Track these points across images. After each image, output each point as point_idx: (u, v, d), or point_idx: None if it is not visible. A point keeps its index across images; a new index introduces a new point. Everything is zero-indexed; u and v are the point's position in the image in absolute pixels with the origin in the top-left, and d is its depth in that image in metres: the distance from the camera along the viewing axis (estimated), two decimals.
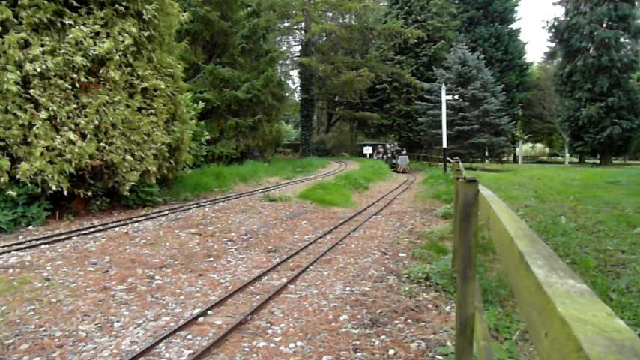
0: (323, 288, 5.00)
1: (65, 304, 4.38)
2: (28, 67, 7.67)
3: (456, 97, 26.50)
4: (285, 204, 11.30)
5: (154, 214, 9.32)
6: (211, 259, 6.23)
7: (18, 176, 7.75)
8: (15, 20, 7.81)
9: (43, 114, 7.80)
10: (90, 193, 8.81)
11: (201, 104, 14.88)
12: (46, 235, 7.26)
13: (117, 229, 7.87)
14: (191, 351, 3.43)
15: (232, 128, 20.71)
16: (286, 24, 39.48)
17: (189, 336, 3.71)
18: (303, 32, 36.83)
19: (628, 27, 31.39)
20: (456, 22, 38.18)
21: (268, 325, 3.96)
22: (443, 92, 22.16)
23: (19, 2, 7.76)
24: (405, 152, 30.89)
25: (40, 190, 8.01)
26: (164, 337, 3.61)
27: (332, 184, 15.12)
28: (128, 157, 8.87)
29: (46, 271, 5.39)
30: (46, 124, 7.90)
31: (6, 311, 4.16)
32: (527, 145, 60.12)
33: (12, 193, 7.71)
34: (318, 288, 5.00)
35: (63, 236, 7.14)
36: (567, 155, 41.06)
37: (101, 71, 8.45)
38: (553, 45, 37.28)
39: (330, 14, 39.70)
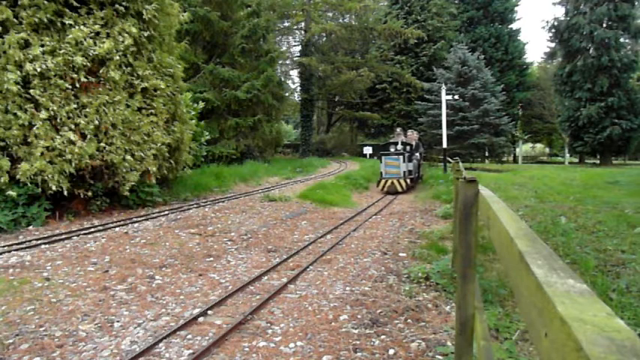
0: (323, 288, 5.00)
1: (65, 304, 4.38)
2: (28, 67, 7.67)
3: (456, 97, 26.45)
4: (285, 204, 11.30)
5: (154, 214, 9.32)
6: (211, 259, 6.23)
7: (18, 176, 7.75)
8: (15, 20, 7.81)
9: (43, 114, 7.80)
10: (90, 193, 8.81)
11: (201, 104, 14.88)
12: (46, 235, 7.26)
13: (117, 229, 7.86)
14: (191, 351, 3.43)
15: (232, 128, 20.72)
16: (286, 24, 39.47)
17: (189, 336, 3.71)
18: (303, 32, 36.79)
19: (628, 27, 31.38)
20: (456, 22, 38.16)
21: (268, 325, 3.96)
22: (443, 92, 22.15)
23: (19, 2, 7.76)
24: (400, 145, 15.75)
25: (40, 190, 8.01)
26: (164, 337, 3.61)
27: (332, 184, 15.11)
28: (128, 157, 8.87)
29: (46, 271, 5.39)
30: (46, 124, 7.90)
31: (6, 311, 4.16)
32: (527, 145, 60.09)
33: (12, 193, 7.71)
34: (318, 288, 5.00)
35: (63, 236, 7.14)
36: (567, 155, 41.03)
37: (101, 71, 8.45)
38: (553, 45, 37.27)
39: (330, 14, 39.67)
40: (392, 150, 15.62)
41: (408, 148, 16.16)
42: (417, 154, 17.35)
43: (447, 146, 22.40)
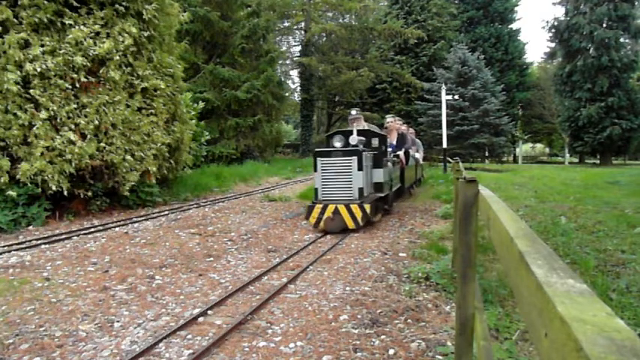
0: (323, 288, 5.00)
1: (65, 304, 4.38)
2: (28, 67, 7.67)
3: (456, 97, 26.45)
4: (285, 204, 11.30)
5: (153, 214, 9.32)
6: (211, 259, 6.23)
7: (18, 176, 7.76)
8: (15, 20, 7.82)
9: (43, 114, 7.81)
10: (90, 193, 8.82)
11: (201, 104, 14.90)
12: (46, 235, 7.26)
13: (117, 229, 7.86)
14: (191, 351, 3.43)
15: (232, 128, 20.73)
16: (286, 24, 39.49)
17: (189, 336, 3.71)
18: (303, 32, 36.82)
19: (628, 27, 31.39)
20: (456, 22, 38.15)
21: (268, 325, 3.96)
22: (443, 92, 22.14)
23: (19, 2, 7.76)
24: (356, 138, 7.94)
25: (40, 190, 8.01)
26: (164, 337, 3.61)
27: None
28: (128, 157, 8.87)
29: (46, 271, 5.39)
30: (46, 124, 7.90)
31: (6, 311, 4.16)
32: (527, 145, 60.09)
33: (12, 193, 7.71)
34: (318, 288, 4.99)
35: (63, 236, 7.14)
36: (567, 155, 41.03)
37: (101, 71, 8.45)
38: (553, 45, 37.28)
39: (330, 14, 39.69)
40: (337, 145, 8.06)
41: (375, 142, 9.10)
42: (400, 152, 11.17)
43: (447, 146, 22.40)
